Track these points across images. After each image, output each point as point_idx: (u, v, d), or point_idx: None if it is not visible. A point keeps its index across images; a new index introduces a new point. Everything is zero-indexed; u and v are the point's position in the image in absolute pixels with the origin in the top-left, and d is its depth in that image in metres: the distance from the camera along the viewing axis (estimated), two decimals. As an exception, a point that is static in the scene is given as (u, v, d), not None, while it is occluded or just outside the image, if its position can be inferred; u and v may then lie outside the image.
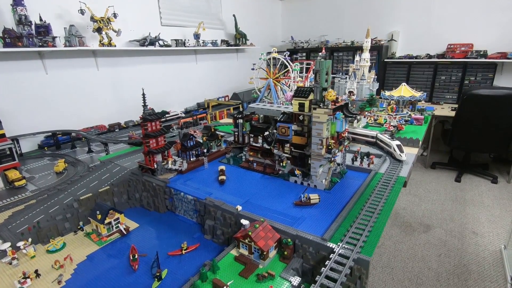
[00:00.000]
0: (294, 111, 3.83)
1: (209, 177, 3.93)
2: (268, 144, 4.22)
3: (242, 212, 2.95)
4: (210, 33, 10.03)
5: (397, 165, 4.07)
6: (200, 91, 10.13)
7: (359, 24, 11.69)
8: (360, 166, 4.05)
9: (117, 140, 5.78)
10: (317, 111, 3.25)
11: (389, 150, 4.40)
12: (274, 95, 7.22)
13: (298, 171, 3.63)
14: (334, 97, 3.16)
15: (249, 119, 4.59)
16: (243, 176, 3.94)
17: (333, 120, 3.33)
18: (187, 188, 3.59)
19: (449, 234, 6.38)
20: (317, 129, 3.30)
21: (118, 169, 4.28)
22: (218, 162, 4.49)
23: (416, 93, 6.62)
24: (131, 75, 8.03)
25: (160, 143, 3.92)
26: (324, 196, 3.32)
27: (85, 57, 6.96)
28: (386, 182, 3.55)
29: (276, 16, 13.67)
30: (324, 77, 3.39)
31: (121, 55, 7.68)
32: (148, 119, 3.68)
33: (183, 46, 8.63)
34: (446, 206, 7.52)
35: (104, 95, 7.51)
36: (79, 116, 7.05)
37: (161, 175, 3.89)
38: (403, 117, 5.60)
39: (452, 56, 10.05)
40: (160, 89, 8.84)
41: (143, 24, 8.04)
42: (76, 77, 6.88)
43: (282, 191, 3.51)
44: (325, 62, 3.38)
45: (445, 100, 10.59)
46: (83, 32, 6.59)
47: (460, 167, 9.36)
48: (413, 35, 11.03)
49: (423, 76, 10.86)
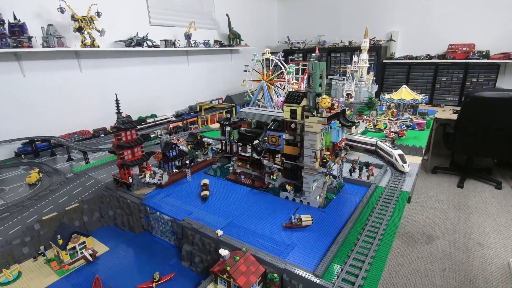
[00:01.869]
0: (285, 118, 3.45)
1: (191, 192, 3.53)
2: (258, 154, 3.83)
3: (223, 238, 2.56)
4: (203, 33, 9.64)
5: (400, 177, 3.69)
6: (192, 93, 9.74)
7: (357, 24, 11.33)
8: (358, 178, 3.66)
9: (96, 148, 5.38)
10: (309, 119, 2.86)
11: (390, 160, 4.02)
12: (268, 98, 6.84)
13: (289, 187, 3.24)
14: (329, 104, 2.78)
15: (238, 126, 4.20)
16: (229, 191, 3.55)
17: (328, 130, 2.94)
18: (164, 206, 3.19)
19: (453, 246, 6.01)
20: (309, 140, 2.91)
21: (91, 183, 3.88)
22: (204, 173, 4.10)
23: (418, 95, 6.25)
24: (118, 78, 7.63)
25: (137, 154, 3.53)
26: (318, 216, 2.93)
27: (66, 58, 6.56)
28: (388, 198, 3.17)
29: (272, 16, 13.30)
30: (318, 81, 3.00)
31: (106, 57, 7.28)
32: (121, 128, 3.28)
33: (173, 46, 8.24)
34: (449, 214, 7.15)
35: (88, 98, 7.10)
36: (61, 121, 6.65)
37: (137, 190, 3.50)
38: (404, 122, 5.22)
39: (453, 57, 9.70)
40: (149, 91, 8.44)
41: (130, 24, 7.64)
42: (57, 79, 6.48)
43: (271, 209, 3.12)
44: (318, 64, 2.99)
45: (446, 102, 10.25)
46: (64, 32, 6.19)
47: (462, 172, 9.01)
48: (413, 35, 10.68)
49: (423, 78, 10.52)
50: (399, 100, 6.31)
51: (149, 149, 5.36)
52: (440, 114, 8.94)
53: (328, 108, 2.89)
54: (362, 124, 6.09)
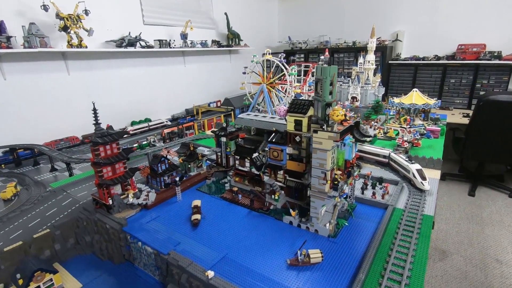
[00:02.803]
0: (288, 130, 3.00)
1: (181, 215, 3.08)
2: (257, 169, 3.38)
3: (214, 281, 2.10)
4: (200, 33, 9.19)
5: (419, 196, 3.24)
6: (189, 96, 9.28)
7: (361, 23, 10.88)
8: (372, 198, 3.21)
9: (78, 160, 4.93)
10: (319, 134, 2.41)
11: (407, 175, 3.56)
12: (268, 102, 6.39)
13: (294, 213, 2.79)
14: (342, 116, 2.33)
15: (235, 136, 3.74)
16: (225, 213, 3.09)
17: (341, 147, 2.49)
18: (148, 233, 2.74)
19: (469, 263, 5.55)
20: (318, 159, 2.46)
21: (69, 202, 3.43)
22: (196, 190, 3.64)
23: (430, 100, 5.79)
24: (109, 80, 7.17)
25: (119, 171, 3.07)
26: (328, 248, 2.48)
27: (52, 60, 6.10)
28: (409, 224, 2.72)
29: (272, 15, 12.85)
30: (327, 88, 2.55)
31: (96, 58, 6.82)
32: (98, 142, 2.82)
33: (168, 47, 7.78)
34: (462, 226, 6.69)
35: (77, 102, 6.65)
36: (46, 127, 6.19)
37: (118, 212, 3.04)
38: (418, 130, 4.76)
39: (463, 58, 9.24)
40: (143, 95, 7.98)
41: (122, 23, 7.19)
42: (42, 82, 6.02)
43: (272, 237, 2.67)
44: (328, 69, 2.54)
45: (455, 105, 9.79)
46: (48, 32, 5.73)
47: (473, 179, 8.54)
48: (420, 35, 10.22)
49: (431, 79, 10.06)
50: (409, 105, 5.85)
51: (138, 160, 4.92)
52: (449, 118, 8.46)
53: (341, 120, 2.44)
54: (370, 131, 5.64)
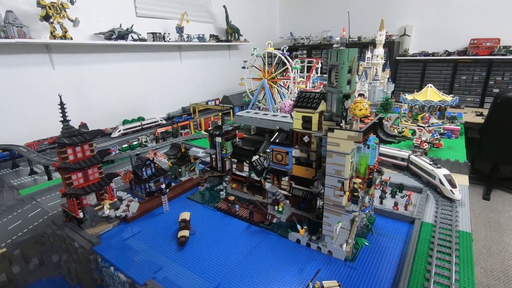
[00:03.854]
0: (295, 128, 2.51)
1: (166, 229, 2.58)
2: (258, 174, 2.89)
3: (201, 326, 1.60)
4: (197, 27, 8.68)
5: (449, 207, 2.73)
6: (186, 93, 8.76)
7: (367, 18, 10.35)
8: (394, 210, 2.70)
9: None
10: (335, 134, 1.91)
11: (431, 181, 3.06)
12: (270, 99, 5.89)
13: (302, 231, 2.28)
14: (367, 111, 1.83)
15: (231, 136, 3.24)
16: (219, 228, 2.59)
17: (364, 150, 1.98)
18: (124, 255, 2.24)
19: (491, 276, 5.04)
20: (334, 164, 1.96)
21: (37, 212, 2.93)
22: (187, 198, 3.14)
23: (446, 96, 5.29)
24: (99, 76, 6.66)
25: (92, 177, 2.57)
26: (346, 275, 1.98)
27: (35, 52, 5.59)
28: (444, 243, 2.22)
29: (274, 9, 12.34)
30: (345, 77, 2.04)
31: (84, 51, 6.32)
32: (65, 143, 2.32)
33: (162, 40, 7.28)
34: (480, 233, 6.18)
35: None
36: (29, 126, 5.68)
37: (91, 227, 2.54)
38: (436, 129, 4.26)
39: (476, 53, 8.72)
40: (136, 91, 7.47)
41: (113, 15, 6.68)
42: (23, 77, 5.51)
43: (277, 262, 2.17)
44: (346, 52, 2.03)
45: (466, 104, 9.27)
46: (29, 22, 5.23)
47: (486, 182, 8.02)
48: (429, 30, 9.69)
49: (441, 76, 9.53)
50: (424, 102, 5.34)
51: (123, 164, 4.42)
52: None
53: (364, 116, 1.93)
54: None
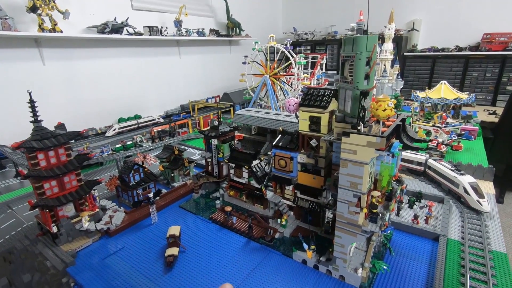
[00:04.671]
0: (300, 130, 2.17)
1: (153, 245, 2.26)
2: (258, 181, 2.56)
3: None
4: (196, 21, 8.32)
5: (477, 220, 2.39)
6: (185, 90, 8.43)
7: (374, 11, 9.93)
8: (414, 224, 2.36)
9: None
10: (351, 139, 1.57)
11: (454, 189, 2.71)
12: (272, 96, 5.54)
13: (310, 253, 1.95)
14: (392, 111, 1.48)
15: (229, 138, 2.90)
16: (213, 244, 2.27)
17: (386, 160, 1.64)
18: (100, 278, 1.93)
19: None
20: (350, 176, 1.62)
21: (10, 224, 2.62)
22: (179, 207, 2.82)
23: (462, 94, 4.92)
24: (92, 71, 6.33)
25: (69, 185, 2.25)
26: (363, 310, 1.65)
27: (23, 47, 5.27)
28: (476, 266, 1.88)
29: (276, 3, 11.94)
30: (362, 70, 1.70)
31: (76, 46, 5.99)
32: (34, 148, 2.00)
33: (159, 34, 6.94)
34: (494, 239, 5.82)
35: (53, 96, 5.83)
36: (16, 125, 5.37)
37: (67, 242, 2.22)
38: (453, 130, 3.90)
39: (489, 48, 8.30)
40: (132, 88, 7.14)
41: (107, 8, 6.35)
42: (10, 73, 5.20)
43: (279, 285, 1.84)
44: (364, 40, 1.69)
45: (477, 102, 8.86)
46: (16, 14, 4.92)
47: (500, 184, 7.64)
48: (439, 24, 9.26)
49: (451, 73, 9.14)
50: (438, 100, 4.98)
51: (112, 167, 4.10)
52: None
53: (386, 118, 1.58)
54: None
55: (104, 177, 2.96)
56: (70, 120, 6.17)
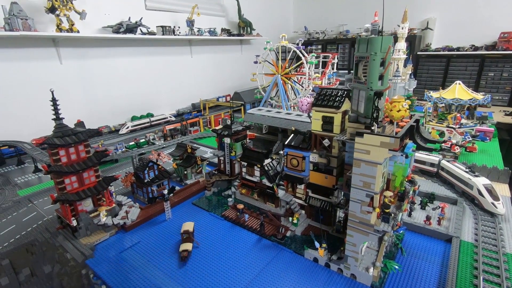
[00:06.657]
0: (313, 130, 2.19)
1: (168, 240, 2.33)
2: (270, 180, 2.59)
3: None
4: (208, 20, 8.40)
5: (491, 222, 2.37)
6: (196, 89, 8.53)
7: (386, 11, 9.80)
8: (426, 225, 2.35)
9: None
10: (365, 139, 1.59)
11: (467, 191, 2.69)
12: (283, 96, 5.56)
13: (322, 251, 1.97)
14: (407, 112, 1.50)
15: (241, 137, 2.95)
16: (226, 240, 2.32)
17: (399, 160, 1.65)
18: (118, 270, 2.00)
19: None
20: (362, 175, 1.64)
21: (32, 217, 2.74)
22: (192, 204, 2.88)
23: (477, 94, 4.82)
24: (107, 70, 6.48)
25: (88, 181, 2.33)
26: (374, 308, 1.66)
27: (41, 46, 5.44)
28: (490, 269, 1.87)
29: (288, 3, 11.91)
30: (377, 71, 1.71)
31: (92, 45, 6.14)
32: (56, 144, 2.09)
33: (172, 34, 7.04)
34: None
35: (70, 95, 6.00)
36: (37, 122, 5.55)
37: (86, 236, 2.31)
38: (468, 131, 3.85)
39: (506, 47, 8.10)
40: (145, 87, 7.28)
41: (122, 8, 6.48)
42: (30, 72, 5.37)
43: (291, 282, 1.87)
44: (379, 41, 1.70)
45: (493, 102, 8.65)
46: (35, 14, 5.08)
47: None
48: (454, 23, 9.07)
49: (466, 73, 8.94)
50: (452, 100, 4.89)
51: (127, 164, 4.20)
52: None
53: (400, 119, 1.59)
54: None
55: (120, 173, 3.03)
56: (85, 117, 6.31)
